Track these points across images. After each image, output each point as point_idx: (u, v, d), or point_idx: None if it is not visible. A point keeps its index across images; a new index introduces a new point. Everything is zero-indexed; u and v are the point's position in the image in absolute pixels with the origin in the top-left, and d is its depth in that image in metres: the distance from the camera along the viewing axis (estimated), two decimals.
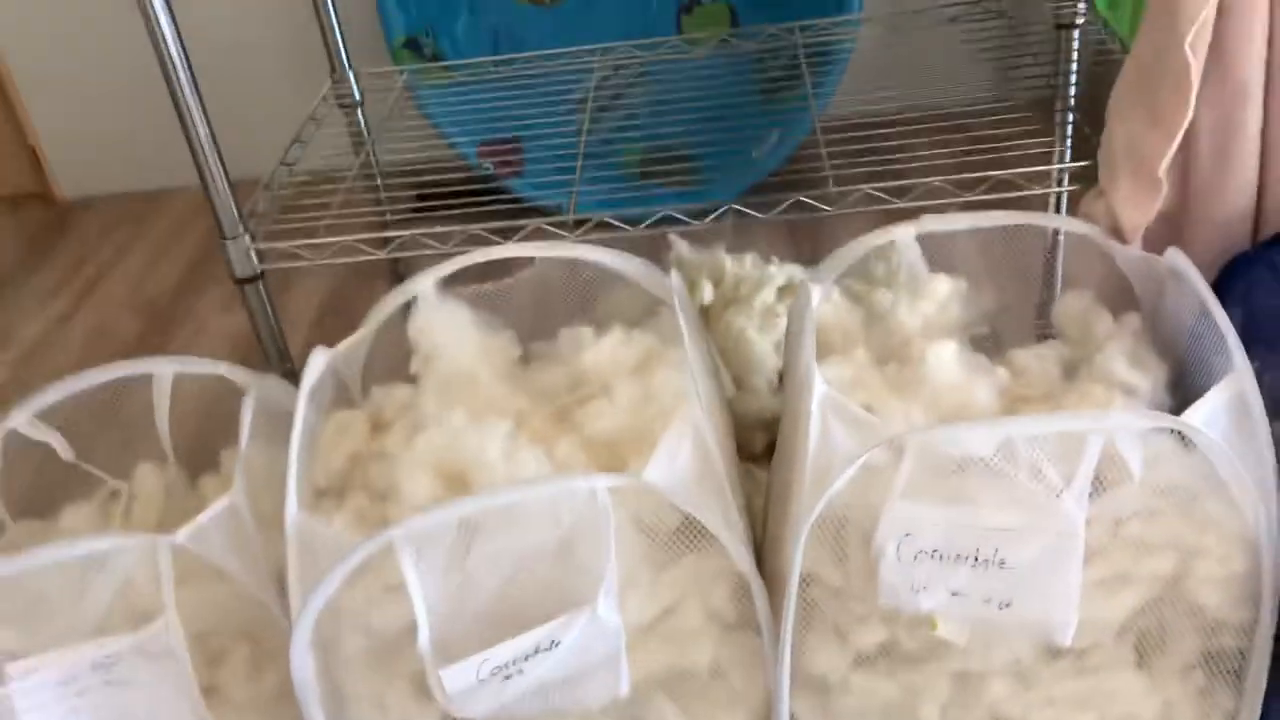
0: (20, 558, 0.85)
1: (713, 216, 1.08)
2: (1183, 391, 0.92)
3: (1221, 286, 0.96)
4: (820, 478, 0.83)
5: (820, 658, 0.90)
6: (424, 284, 1.03)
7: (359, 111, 1.46)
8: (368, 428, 1.02)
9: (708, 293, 1.27)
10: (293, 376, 1.12)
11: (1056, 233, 1.05)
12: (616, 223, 1.08)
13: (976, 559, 0.80)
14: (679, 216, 1.09)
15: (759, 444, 1.23)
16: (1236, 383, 0.82)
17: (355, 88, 1.46)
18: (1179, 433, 0.82)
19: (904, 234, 1.01)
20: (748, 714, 0.93)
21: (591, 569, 0.84)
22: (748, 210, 1.06)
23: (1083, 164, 1.07)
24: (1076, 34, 1.37)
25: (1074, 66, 1.32)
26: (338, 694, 0.89)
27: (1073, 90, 1.30)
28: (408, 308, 1.03)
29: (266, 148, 1.34)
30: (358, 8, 2.16)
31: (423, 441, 0.90)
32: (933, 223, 1.01)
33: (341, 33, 1.45)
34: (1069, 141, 1.21)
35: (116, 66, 2.52)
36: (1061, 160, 1.11)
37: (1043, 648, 0.86)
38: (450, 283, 1.06)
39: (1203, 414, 0.80)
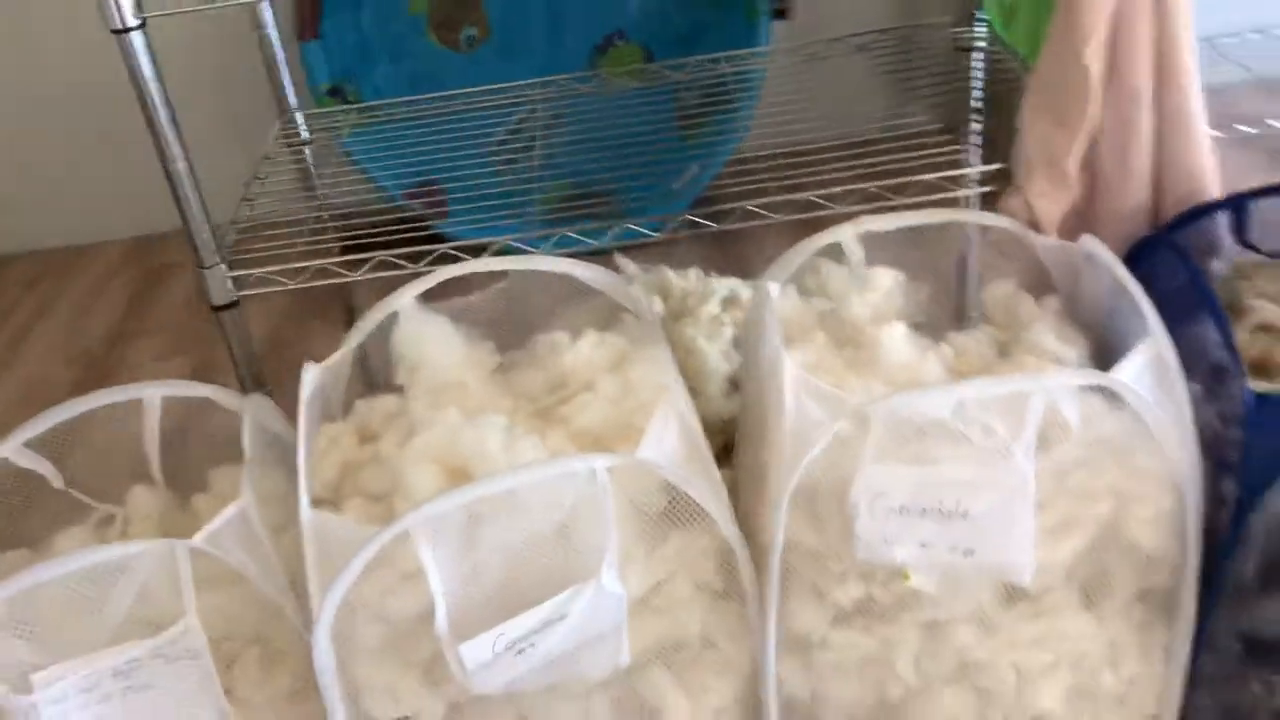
0: (42, 567, 0.88)
1: (669, 229, 1.16)
2: (1103, 363, 1.03)
3: (1129, 268, 1.07)
4: (797, 448, 0.91)
5: (802, 619, 0.98)
6: (404, 299, 1.10)
7: (306, 150, 1.52)
8: (356, 439, 1.07)
9: (656, 306, 1.36)
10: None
11: (982, 228, 1.16)
12: (578, 236, 1.16)
13: (941, 512, 0.89)
14: (638, 229, 1.18)
15: (715, 446, 1.31)
16: (1154, 345, 0.94)
17: (303, 128, 1.51)
18: (1107, 393, 0.93)
19: (847, 234, 1.11)
20: (737, 679, 1.01)
21: (591, 548, 0.90)
22: (701, 220, 1.15)
23: (994, 167, 1.19)
24: (976, 56, 1.50)
25: (977, 84, 1.44)
26: (352, 686, 0.94)
27: (979, 105, 1.43)
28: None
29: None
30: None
31: (423, 439, 0.95)
32: (872, 222, 1.11)
33: (287, 75, 1.50)
34: (979, 150, 1.33)
35: (40, 121, 2.52)
36: (973, 165, 1.23)
37: (1002, 595, 0.96)
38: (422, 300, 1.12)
39: (1128, 371, 0.91)
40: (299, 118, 1.51)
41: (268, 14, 1.44)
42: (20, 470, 1.08)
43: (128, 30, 1.03)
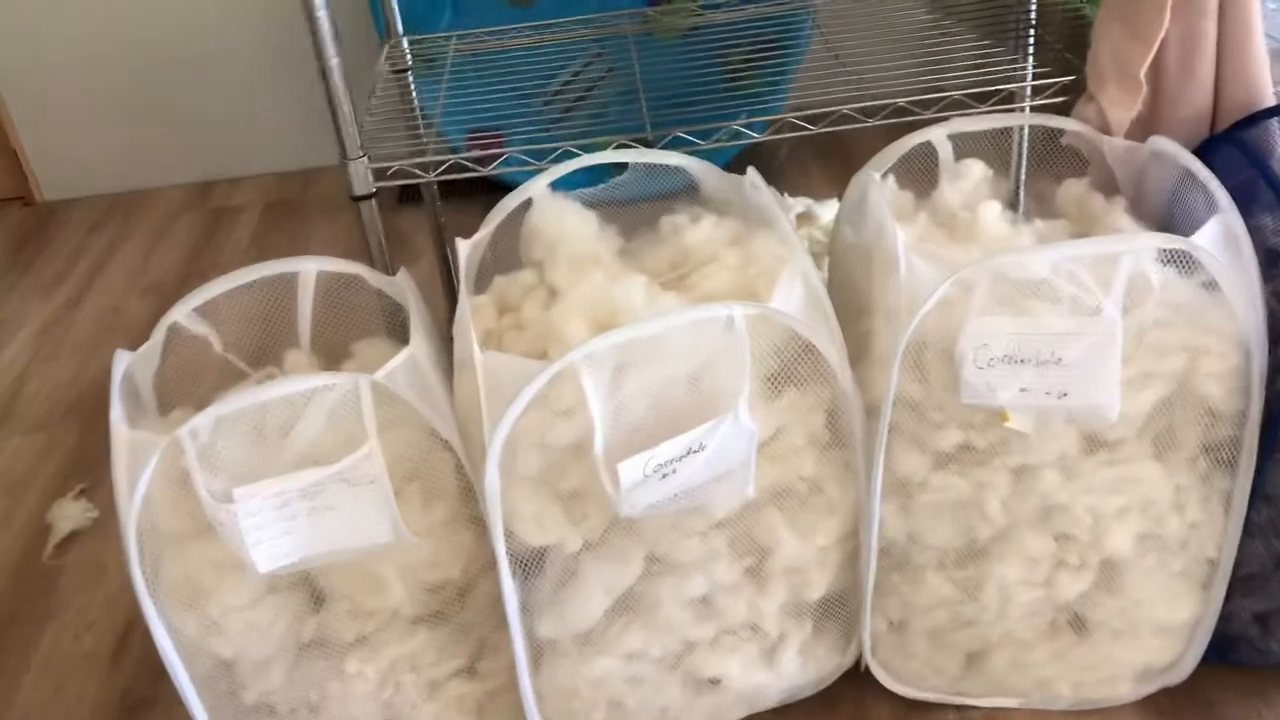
0: (243, 394, 1.00)
1: (770, 129, 1.28)
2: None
3: None
4: (912, 303, 1.03)
5: (904, 464, 1.09)
6: (539, 185, 1.21)
7: (409, 75, 1.63)
8: (495, 311, 1.19)
9: None
10: None
11: (1046, 133, 1.28)
12: (685, 135, 1.27)
13: (1038, 360, 1.01)
14: (743, 129, 1.29)
15: None
16: (1224, 218, 1.06)
17: (408, 54, 1.63)
18: (1182, 265, 1.05)
19: (938, 134, 1.22)
20: (842, 520, 1.12)
21: (722, 393, 1.02)
22: (800, 122, 1.26)
23: (1066, 78, 1.30)
24: None
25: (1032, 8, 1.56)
26: (508, 512, 1.05)
27: (1033, 25, 1.55)
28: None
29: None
30: (346, 9, 2.33)
31: (574, 296, 1.07)
32: (961, 124, 1.22)
33: (396, 5, 1.61)
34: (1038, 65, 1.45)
35: (99, 70, 2.63)
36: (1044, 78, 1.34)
37: (1084, 443, 1.08)
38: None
39: (1204, 237, 1.03)
40: (404, 43, 1.62)
41: None
42: (189, 334, 1.19)
43: None
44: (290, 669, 1.11)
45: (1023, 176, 1.62)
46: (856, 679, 1.27)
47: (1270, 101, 1.22)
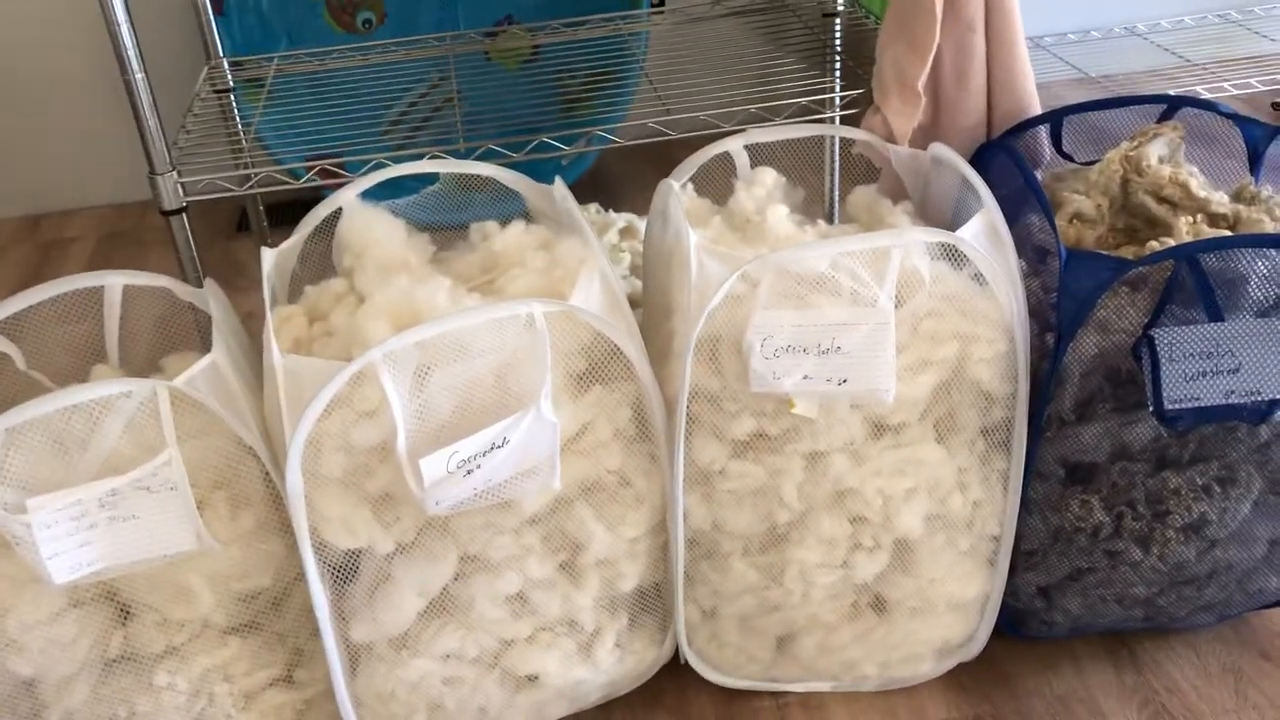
0: (38, 402, 0.99)
1: (578, 143, 1.33)
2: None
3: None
4: (701, 299, 1.08)
5: (704, 454, 1.14)
6: (348, 195, 1.23)
7: (231, 95, 1.63)
8: (305, 320, 1.20)
9: None
10: None
11: (846, 141, 1.35)
12: (498, 148, 1.31)
13: (819, 349, 1.07)
14: (552, 143, 1.34)
15: None
16: (988, 214, 1.14)
17: (229, 75, 1.63)
18: (952, 260, 1.12)
19: (735, 144, 1.29)
20: (649, 511, 1.17)
21: (527, 390, 1.05)
22: (608, 135, 1.31)
23: (855, 91, 1.39)
24: (837, 20, 1.72)
25: (838, 36, 1.66)
26: (314, 518, 1.06)
27: (838, 50, 1.64)
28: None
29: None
30: (178, 35, 2.30)
31: (379, 298, 1.09)
32: (756, 134, 1.29)
33: (215, 26, 1.62)
34: (840, 81, 1.54)
35: None
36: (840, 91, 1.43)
37: (870, 429, 1.14)
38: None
39: (968, 232, 1.11)
40: (225, 64, 1.63)
41: None
42: None
43: None
44: (96, 685, 1.09)
45: (835, 185, 1.71)
46: (677, 672, 1.31)
47: (1036, 110, 1.32)
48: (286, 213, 1.58)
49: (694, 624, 1.26)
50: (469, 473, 1.03)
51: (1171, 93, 1.41)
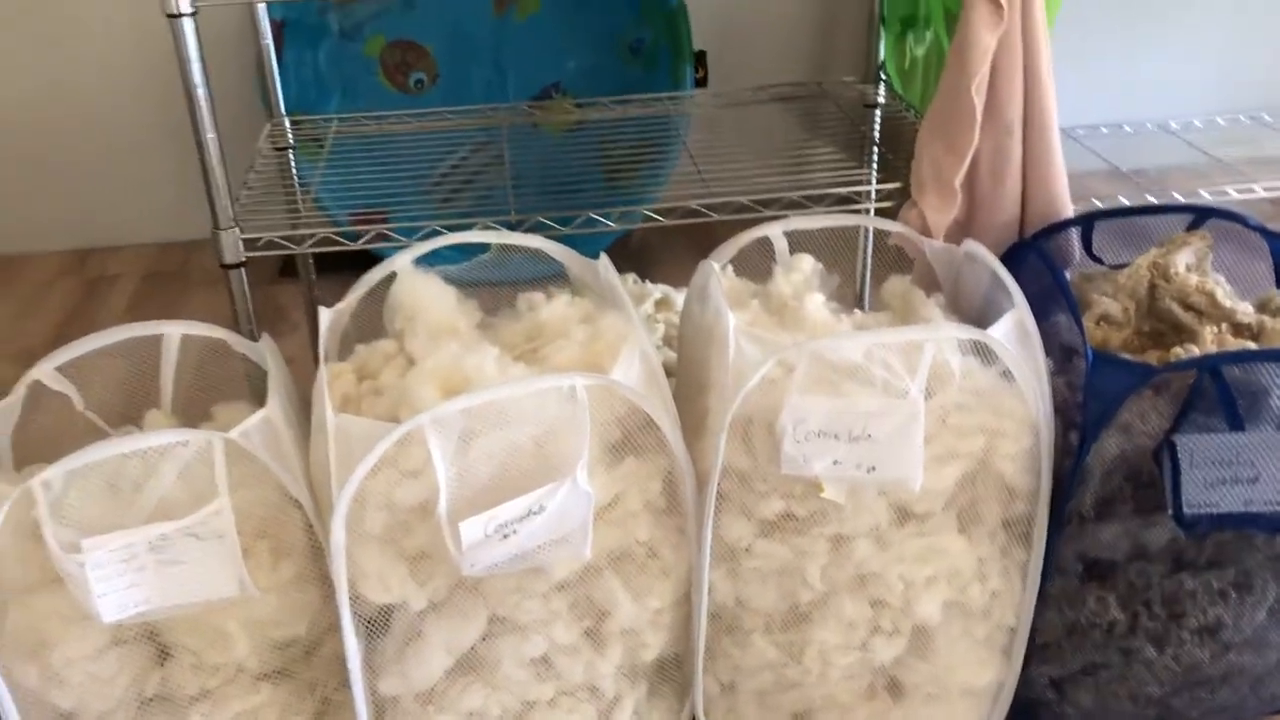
0: (98, 447, 1.03)
1: (627, 219, 1.38)
2: None
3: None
4: (738, 380, 1.12)
5: (732, 531, 1.18)
6: (403, 260, 1.28)
7: (290, 153, 1.69)
8: (355, 378, 1.24)
9: None
10: None
11: (883, 233, 1.40)
12: (546, 221, 1.36)
13: (850, 436, 1.11)
14: (599, 219, 1.39)
15: None
16: (1018, 313, 1.18)
17: (289, 133, 1.70)
18: (982, 356, 1.16)
19: (775, 230, 1.34)
20: (675, 583, 1.20)
21: (564, 459, 1.09)
22: (654, 215, 1.36)
23: (893, 185, 1.44)
24: (878, 111, 1.78)
25: (876, 127, 1.72)
26: (353, 571, 1.10)
27: (877, 141, 1.70)
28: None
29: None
30: (235, 85, 2.38)
31: (429, 363, 1.13)
32: (796, 222, 1.34)
33: (278, 86, 1.69)
34: (877, 173, 1.60)
35: None
36: (876, 183, 1.48)
37: (895, 516, 1.17)
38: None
39: (998, 330, 1.15)
40: (286, 122, 1.69)
41: (265, 25, 1.63)
42: (49, 392, 1.22)
43: (180, 16, 1.21)
44: None
45: (868, 272, 1.75)
46: None
47: (1069, 213, 1.37)
48: (330, 260, 1.63)
49: (712, 697, 1.29)
50: (505, 537, 1.07)
51: (1202, 191, 1.46)
